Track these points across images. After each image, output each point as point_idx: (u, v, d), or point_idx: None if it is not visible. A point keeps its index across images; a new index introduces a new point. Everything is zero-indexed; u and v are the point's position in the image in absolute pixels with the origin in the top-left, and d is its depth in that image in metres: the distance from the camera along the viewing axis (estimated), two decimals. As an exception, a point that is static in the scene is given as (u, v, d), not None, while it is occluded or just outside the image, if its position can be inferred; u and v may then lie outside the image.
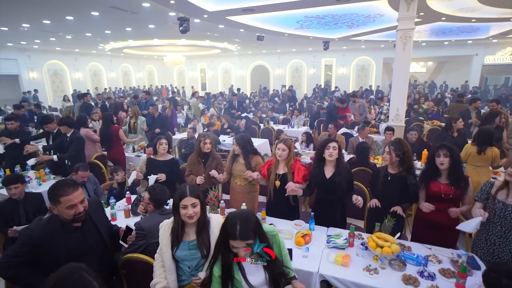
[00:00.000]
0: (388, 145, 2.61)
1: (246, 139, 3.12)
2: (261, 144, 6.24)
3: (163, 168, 3.30)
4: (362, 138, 5.39)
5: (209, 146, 3.27)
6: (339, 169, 2.68)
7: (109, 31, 11.21)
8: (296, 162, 2.83)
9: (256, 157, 3.13)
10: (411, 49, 6.00)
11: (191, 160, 3.37)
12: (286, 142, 2.77)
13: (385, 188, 2.57)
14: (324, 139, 2.77)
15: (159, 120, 5.95)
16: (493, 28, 11.93)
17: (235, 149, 3.13)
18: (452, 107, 7.59)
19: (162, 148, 3.36)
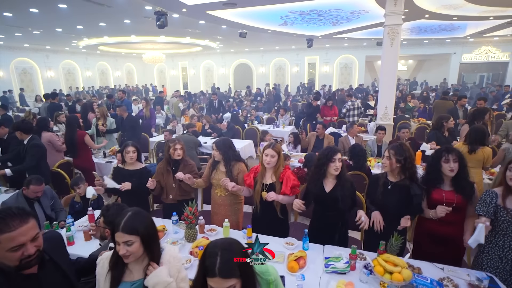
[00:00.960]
0: (388, 149, 2.31)
1: (227, 143, 2.75)
2: (246, 145, 5.87)
3: (131, 179, 2.87)
4: (351, 137, 5.14)
5: (180, 152, 2.88)
6: (341, 181, 2.34)
7: (81, 27, 10.48)
8: (286, 170, 2.49)
9: (239, 164, 2.77)
10: (399, 45, 5.82)
11: (159, 169, 2.97)
12: (275, 147, 2.41)
13: (385, 198, 2.27)
14: (325, 149, 2.37)
15: (129, 121, 5.42)
16: (469, 27, 12.12)
17: (215, 155, 2.75)
18: (438, 105, 7.50)
19: (129, 157, 2.90)
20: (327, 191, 2.35)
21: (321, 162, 2.33)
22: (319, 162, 2.35)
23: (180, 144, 2.90)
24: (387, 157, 2.27)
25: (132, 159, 2.91)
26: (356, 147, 3.72)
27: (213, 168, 2.82)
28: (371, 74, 20.85)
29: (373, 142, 5.00)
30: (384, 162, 2.30)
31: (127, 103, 7.65)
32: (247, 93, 14.03)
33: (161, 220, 2.76)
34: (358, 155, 3.66)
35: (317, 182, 2.37)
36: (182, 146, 2.92)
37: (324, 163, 2.31)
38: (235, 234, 2.47)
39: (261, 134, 5.29)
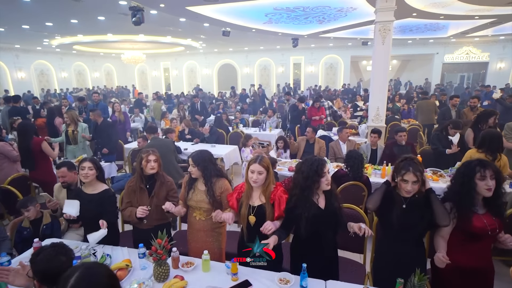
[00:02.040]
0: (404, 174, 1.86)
1: (206, 156, 2.28)
2: (230, 151, 5.41)
3: (89, 206, 2.35)
4: (342, 141, 4.79)
5: (154, 165, 2.37)
6: (331, 192, 1.97)
7: (50, 23, 9.71)
8: (277, 188, 2.06)
9: (222, 181, 2.31)
10: (390, 43, 5.54)
11: (130, 187, 2.44)
12: (263, 162, 1.98)
13: (402, 221, 1.88)
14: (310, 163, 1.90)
15: (104, 127, 4.84)
16: (452, 28, 12.17)
17: (192, 171, 2.28)
18: (421, 105, 7.32)
19: (84, 175, 2.37)
20: (323, 207, 1.95)
21: (310, 181, 1.89)
22: (308, 182, 1.89)
23: (154, 155, 2.39)
24: (413, 182, 1.84)
25: (88, 177, 2.39)
26: (352, 153, 3.34)
27: (190, 187, 2.34)
28: (356, 74, 20.86)
29: (367, 146, 4.66)
30: (406, 189, 1.86)
31: (102, 106, 7.03)
32: (231, 94, 13.54)
33: (128, 251, 2.27)
34: (354, 162, 3.28)
35: (309, 203, 1.93)
36: (157, 157, 2.40)
37: (314, 181, 1.88)
38: (217, 268, 2.02)
39: (243, 139, 4.84)
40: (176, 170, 4.27)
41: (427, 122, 7.09)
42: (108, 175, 4.75)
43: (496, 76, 16.05)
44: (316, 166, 1.87)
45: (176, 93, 19.04)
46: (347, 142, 4.69)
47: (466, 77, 18.80)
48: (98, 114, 4.84)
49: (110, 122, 5.06)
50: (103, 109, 6.76)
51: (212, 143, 5.78)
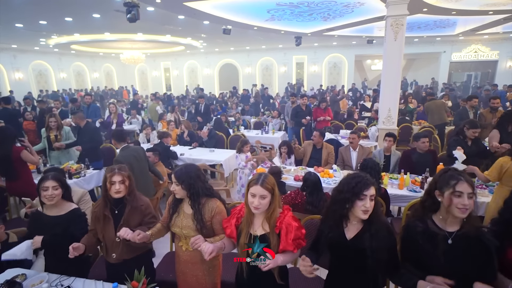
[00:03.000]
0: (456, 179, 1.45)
1: (192, 172, 1.86)
2: (230, 157, 5.01)
3: (56, 230, 1.95)
4: (353, 148, 4.35)
5: (120, 188, 1.95)
6: (372, 226, 1.51)
7: (44, 22, 9.35)
8: (284, 213, 1.64)
9: (212, 203, 1.89)
10: (403, 39, 5.11)
11: (95, 213, 2.02)
12: (266, 183, 1.56)
13: (448, 264, 1.45)
14: (352, 177, 1.54)
15: (87, 131, 4.41)
16: (460, 25, 11.71)
17: (175, 191, 1.85)
18: (430, 106, 6.90)
19: (47, 196, 1.97)
20: (349, 238, 1.55)
21: (343, 197, 1.51)
22: (340, 197, 1.53)
23: (120, 175, 1.95)
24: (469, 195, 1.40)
25: (53, 199, 1.99)
26: (368, 163, 2.91)
27: (174, 210, 1.92)
28: (361, 73, 20.40)
29: (380, 152, 4.24)
30: (464, 204, 1.40)
31: (94, 108, 6.64)
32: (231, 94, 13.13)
33: (103, 286, 1.87)
34: (371, 173, 2.86)
35: (335, 225, 1.58)
36: (123, 177, 1.96)
37: (347, 199, 1.50)
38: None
39: (239, 143, 4.40)
40: (149, 186, 3.55)
41: (439, 122, 6.69)
42: (97, 184, 4.36)
43: (506, 75, 15.53)
44: (355, 183, 1.48)
45: (176, 94, 18.70)
46: (358, 149, 4.26)
47: (473, 76, 18.30)
48: (80, 117, 4.42)
49: (93, 125, 4.64)
50: (94, 111, 6.37)
51: (211, 147, 5.38)
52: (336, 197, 1.57)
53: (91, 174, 4.21)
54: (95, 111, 6.49)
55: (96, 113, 6.47)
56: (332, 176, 3.76)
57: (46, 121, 4.52)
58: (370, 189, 1.48)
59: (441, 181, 1.49)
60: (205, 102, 8.20)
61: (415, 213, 1.65)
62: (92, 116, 6.38)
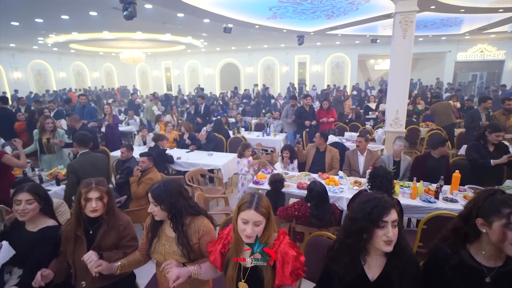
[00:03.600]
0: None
1: (173, 188, 1.58)
2: (229, 161, 4.74)
3: (30, 248, 1.70)
4: (361, 152, 4.07)
5: (97, 205, 1.69)
6: (398, 259, 1.26)
7: (40, 20, 9.13)
8: (280, 239, 1.37)
9: (199, 222, 1.62)
10: (413, 37, 4.84)
11: (66, 232, 1.75)
12: (261, 207, 1.29)
13: None
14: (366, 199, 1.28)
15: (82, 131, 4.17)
16: (466, 24, 11.40)
17: (153, 212, 1.56)
18: (436, 108, 6.62)
19: (20, 211, 1.74)
20: (372, 279, 1.27)
21: (358, 227, 1.24)
22: (355, 227, 1.25)
23: (97, 190, 1.69)
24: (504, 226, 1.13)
25: (26, 215, 1.74)
26: (379, 171, 2.64)
27: (154, 234, 1.65)
28: (364, 73, 20.10)
29: (389, 157, 3.97)
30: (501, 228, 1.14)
31: (89, 109, 6.40)
32: (232, 94, 12.86)
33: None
34: (383, 182, 2.59)
35: (351, 263, 1.29)
36: (101, 193, 1.71)
37: (364, 229, 1.22)
38: None
39: (240, 147, 4.14)
40: None
41: (447, 123, 6.42)
42: (88, 190, 4.11)
43: (513, 75, 15.20)
44: (370, 208, 1.20)
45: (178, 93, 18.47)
46: (366, 154, 3.98)
47: (478, 76, 17.97)
48: (75, 119, 4.19)
49: (88, 127, 4.39)
50: (90, 113, 6.13)
51: (210, 151, 5.12)
52: (349, 228, 1.28)
53: (81, 180, 3.97)
54: (91, 112, 6.24)
55: (92, 114, 6.23)
56: (338, 183, 3.49)
57: (41, 123, 4.27)
58: (391, 213, 1.21)
59: (486, 207, 1.19)
60: (205, 103, 7.94)
61: (445, 239, 1.37)
62: (87, 117, 6.14)
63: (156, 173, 3.56)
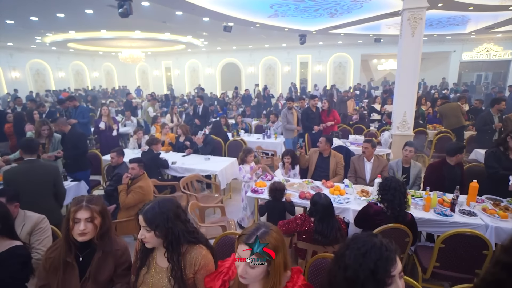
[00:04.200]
0: None
1: (169, 210, 1.33)
2: (227, 166, 4.48)
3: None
4: (368, 158, 3.78)
5: (87, 227, 1.43)
6: None
7: (35, 18, 8.90)
8: (293, 282, 1.11)
9: (197, 252, 1.38)
10: (422, 35, 4.56)
11: (51, 260, 1.46)
12: (261, 247, 1.03)
13: None
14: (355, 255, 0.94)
15: (72, 137, 3.90)
16: (472, 23, 11.10)
17: (144, 238, 1.32)
18: (444, 110, 6.34)
19: None
20: None
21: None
22: None
23: (88, 210, 1.44)
24: None
25: None
26: (392, 183, 2.36)
27: (143, 262, 1.40)
28: (366, 73, 19.78)
29: (398, 163, 3.70)
30: None
31: (82, 109, 6.14)
32: (233, 95, 12.60)
33: None
34: (395, 196, 2.32)
35: None
36: (92, 214, 1.44)
37: None
38: None
39: (242, 153, 3.89)
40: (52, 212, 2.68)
41: (456, 126, 6.14)
42: (76, 197, 3.86)
43: (519, 76, 14.87)
44: (374, 263, 0.91)
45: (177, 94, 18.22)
46: (374, 160, 3.70)
47: (483, 76, 17.64)
48: (63, 122, 3.91)
49: (79, 130, 4.14)
50: (82, 113, 5.87)
51: (207, 155, 4.86)
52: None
53: (67, 187, 3.71)
54: (83, 113, 5.99)
55: (84, 114, 5.97)
56: (343, 193, 3.22)
57: (36, 129, 3.99)
58: (397, 262, 0.93)
59: None
60: (203, 104, 7.68)
61: None
62: (79, 118, 5.90)
63: (147, 180, 3.31)
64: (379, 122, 7.50)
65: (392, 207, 2.32)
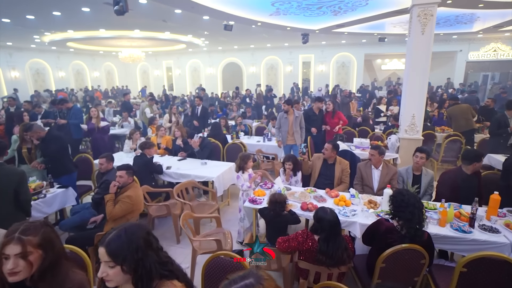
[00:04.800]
0: None
1: (138, 239, 1.07)
2: (224, 172, 4.22)
3: None
4: (376, 166, 3.50)
5: (17, 265, 1.15)
6: None
7: (32, 16, 8.70)
8: None
9: None
10: (433, 32, 4.28)
11: None
12: None
13: None
14: None
15: (49, 141, 3.60)
16: (479, 21, 10.76)
17: (107, 276, 1.06)
18: (454, 112, 6.06)
19: None
20: None
21: None
22: None
23: (19, 243, 1.16)
24: None
25: None
26: (410, 199, 2.07)
27: None
28: (370, 74, 19.45)
29: (408, 171, 3.42)
30: None
31: (75, 110, 5.91)
32: (233, 95, 12.35)
33: None
34: (414, 214, 2.03)
35: None
36: (24, 248, 1.17)
37: None
38: None
39: (239, 160, 3.47)
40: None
41: (466, 128, 5.86)
42: (63, 205, 3.62)
43: (528, 76, 14.49)
44: None
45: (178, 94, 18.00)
46: (382, 167, 3.43)
47: (490, 76, 17.24)
48: (37, 129, 3.60)
49: (55, 132, 3.85)
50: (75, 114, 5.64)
51: (204, 159, 4.61)
52: None
53: (54, 194, 3.48)
54: (76, 114, 5.74)
55: (76, 115, 5.73)
56: (349, 204, 2.95)
57: (20, 134, 3.78)
58: None
59: None
60: (202, 104, 7.44)
61: None
62: (72, 119, 5.68)
63: (136, 189, 3.06)
64: (384, 124, 7.22)
65: (410, 226, 2.04)
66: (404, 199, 2.04)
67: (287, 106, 5.10)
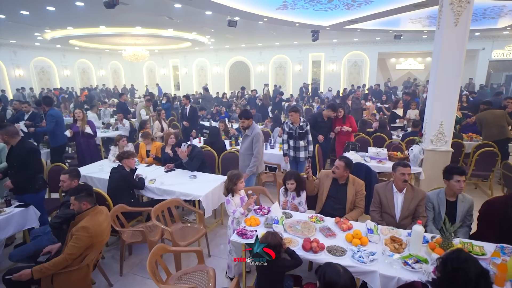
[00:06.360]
0: None
1: None
2: (215, 189, 3.57)
3: None
4: (399, 189, 2.79)
5: None
6: None
7: (26, 12, 8.28)
8: None
9: None
10: (469, 24, 3.53)
11: None
12: None
13: None
14: None
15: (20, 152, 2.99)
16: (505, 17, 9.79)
17: None
18: (486, 118, 5.26)
19: None
20: None
21: None
22: None
23: None
24: None
25: None
26: (460, 264, 1.37)
27: None
28: (383, 73, 18.51)
29: (440, 196, 2.71)
30: None
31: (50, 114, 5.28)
32: (238, 95, 11.72)
33: None
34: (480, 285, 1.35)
35: None
36: None
37: None
38: None
39: (227, 181, 2.86)
40: None
41: (499, 137, 5.08)
42: (21, 228, 3.06)
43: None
44: None
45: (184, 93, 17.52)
46: (406, 191, 2.73)
47: (514, 77, 16.08)
48: (9, 132, 3.02)
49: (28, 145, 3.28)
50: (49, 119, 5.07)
51: (194, 171, 3.99)
52: None
53: (10, 215, 2.92)
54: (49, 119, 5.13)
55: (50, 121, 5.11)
56: (366, 242, 2.26)
57: None
58: None
59: None
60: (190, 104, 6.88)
61: None
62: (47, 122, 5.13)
63: (97, 216, 2.41)
64: (402, 130, 6.46)
65: (446, 276, 1.37)
66: (460, 268, 1.34)
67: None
